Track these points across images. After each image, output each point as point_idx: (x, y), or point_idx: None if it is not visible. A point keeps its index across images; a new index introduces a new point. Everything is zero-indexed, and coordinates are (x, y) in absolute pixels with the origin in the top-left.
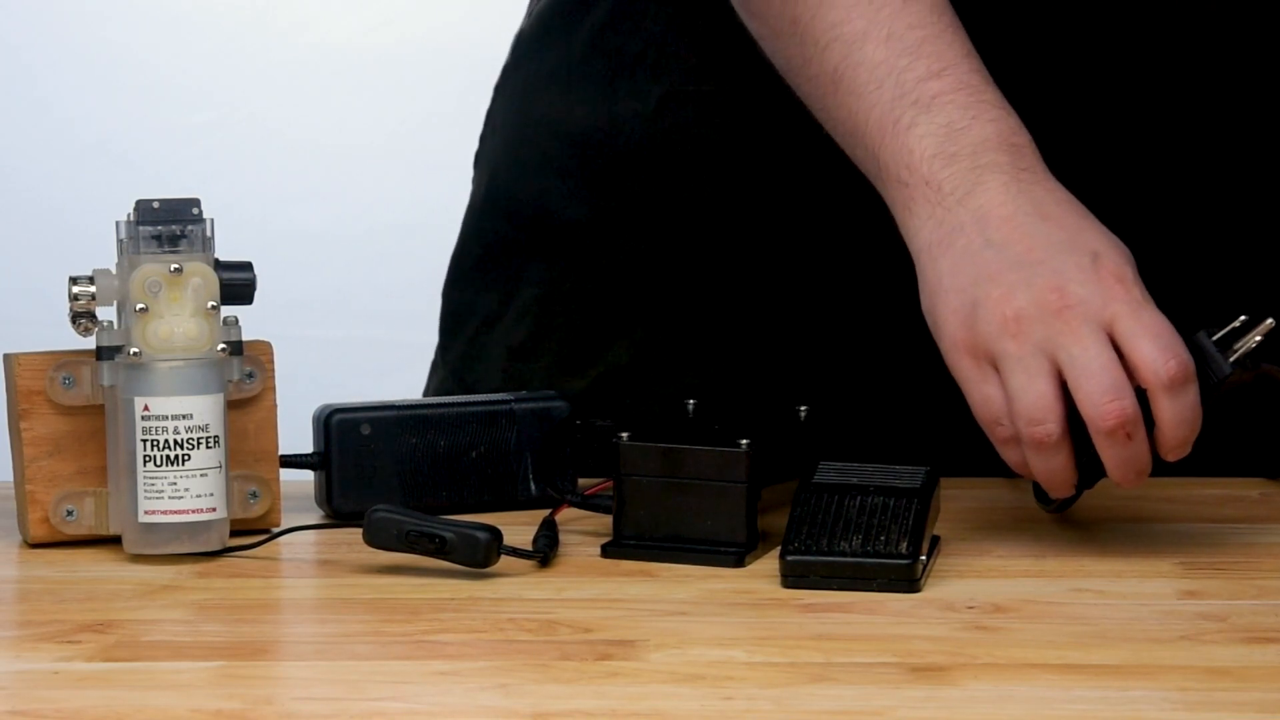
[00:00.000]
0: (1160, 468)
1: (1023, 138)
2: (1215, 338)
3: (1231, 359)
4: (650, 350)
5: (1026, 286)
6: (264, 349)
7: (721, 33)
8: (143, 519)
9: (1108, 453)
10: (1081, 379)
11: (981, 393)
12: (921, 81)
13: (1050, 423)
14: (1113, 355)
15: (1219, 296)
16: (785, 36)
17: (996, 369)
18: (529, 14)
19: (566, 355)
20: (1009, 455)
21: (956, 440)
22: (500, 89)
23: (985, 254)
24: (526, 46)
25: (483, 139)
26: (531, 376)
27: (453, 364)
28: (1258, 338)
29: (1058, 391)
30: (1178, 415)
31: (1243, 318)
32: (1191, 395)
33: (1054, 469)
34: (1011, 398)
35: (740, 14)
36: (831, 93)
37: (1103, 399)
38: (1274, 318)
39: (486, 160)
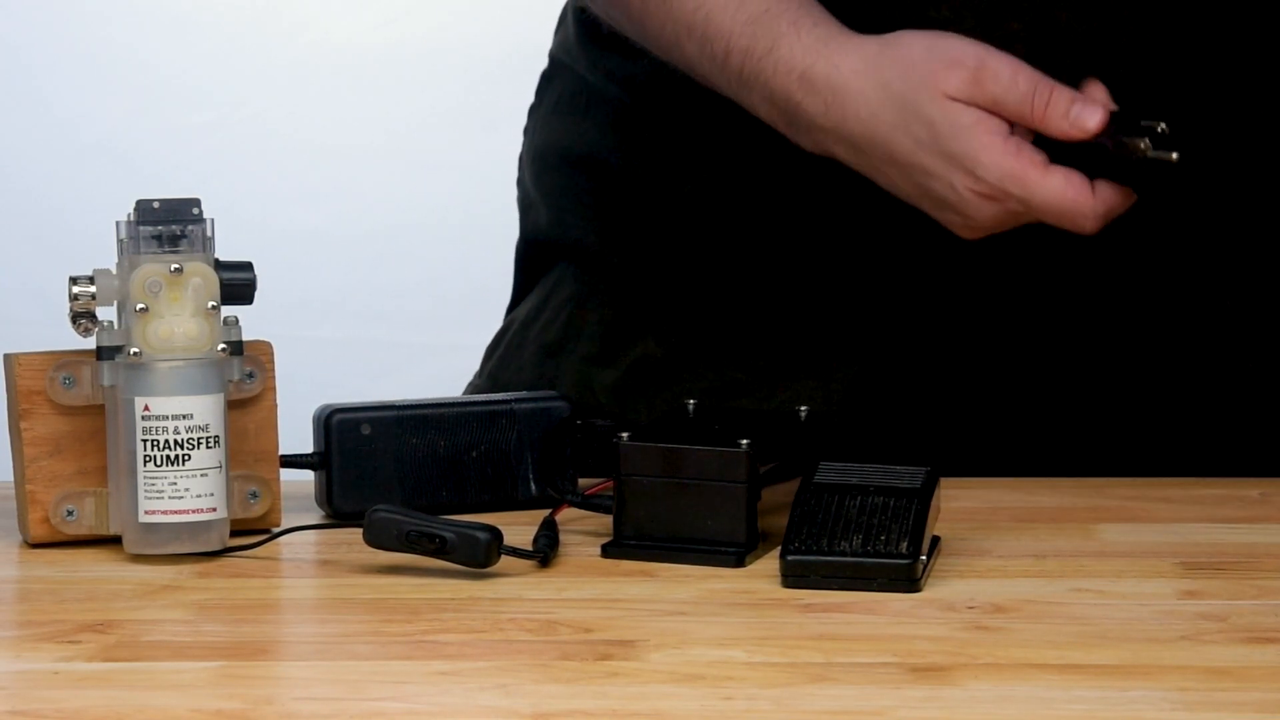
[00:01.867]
0: (1161, 468)
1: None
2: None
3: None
4: (677, 343)
5: (929, 200)
6: (264, 349)
7: None
8: (143, 519)
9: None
10: (1046, 217)
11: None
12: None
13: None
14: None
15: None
16: (677, 40)
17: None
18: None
19: (598, 349)
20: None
21: (956, 440)
22: (532, 110)
23: (885, 169)
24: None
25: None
26: (562, 373)
27: (491, 368)
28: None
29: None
30: (1102, 223)
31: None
32: (1106, 212)
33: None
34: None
35: (603, 18)
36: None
37: (1080, 225)
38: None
39: (521, 177)
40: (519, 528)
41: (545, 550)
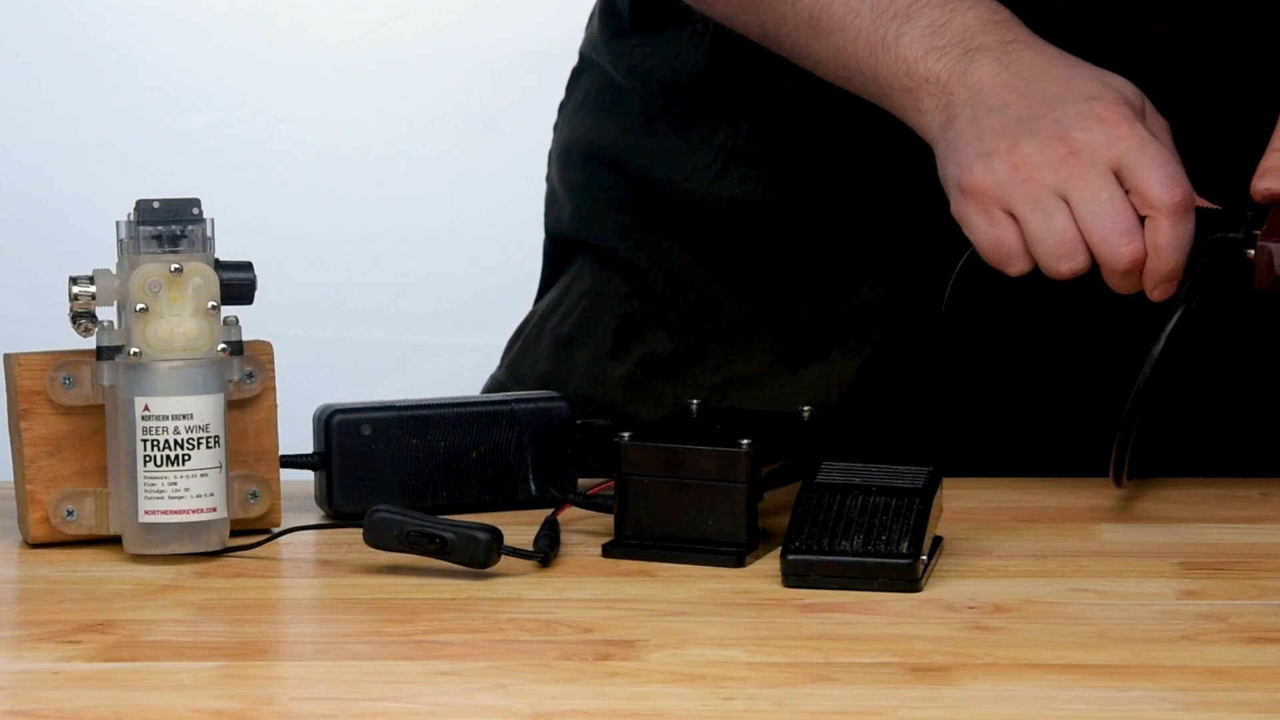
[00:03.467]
0: (1160, 468)
1: (1004, 14)
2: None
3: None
4: (687, 339)
5: (1032, 137)
6: (264, 349)
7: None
8: (143, 519)
9: (1117, 285)
10: (1094, 222)
11: (992, 235)
12: None
13: (1079, 255)
14: (1122, 196)
15: None
16: (753, 6)
17: (1010, 214)
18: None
19: (610, 342)
20: (1014, 270)
21: (957, 440)
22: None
23: (987, 118)
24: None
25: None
26: (575, 366)
27: (510, 360)
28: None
29: (1076, 226)
30: (1175, 241)
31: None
32: (1189, 224)
33: (1077, 269)
34: (1035, 239)
35: (700, 8)
36: (813, 37)
37: (1118, 242)
38: None
39: (548, 173)
40: (519, 528)
41: (546, 550)
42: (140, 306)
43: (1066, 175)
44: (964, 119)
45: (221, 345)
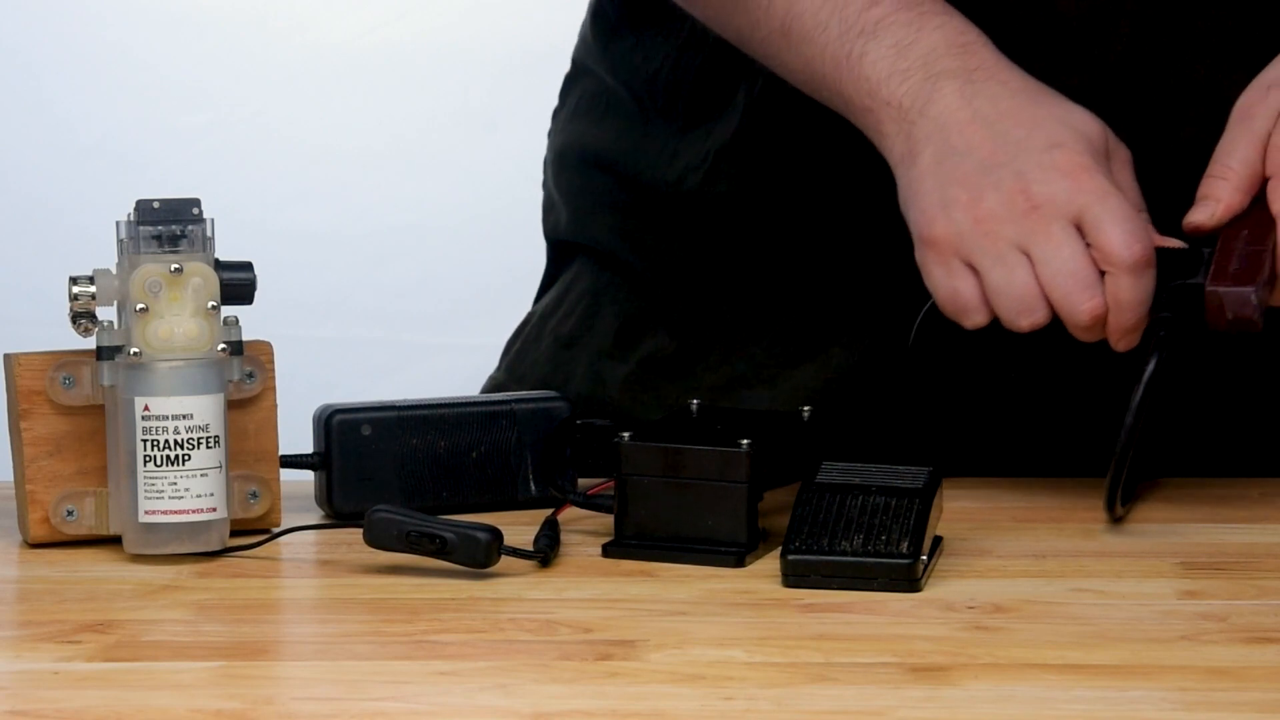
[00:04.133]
0: (1161, 468)
1: (971, 35)
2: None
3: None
4: (688, 339)
5: (994, 189)
6: (264, 349)
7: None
8: (143, 519)
9: (1080, 337)
10: (1055, 278)
11: (950, 286)
12: (862, 11)
13: (1039, 310)
14: (1083, 251)
15: None
16: (730, 9)
17: (969, 266)
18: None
19: (611, 343)
20: (971, 324)
21: (957, 440)
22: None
23: (951, 160)
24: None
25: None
26: (576, 366)
27: (509, 361)
28: None
29: (1036, 281)
30: (1135, 296)
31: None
32: (1149, 279)
33: (1036, 323)
34: (995, 293)
35: (682, 5)
36: (784, 46)
37: (1079, 298)
38: None
39: (545, 179)
40: (519, 528)
41: (546, 550)
42: (140, 306)
43: (1028, 229)
44: (927, 159)
45: (221, 345)
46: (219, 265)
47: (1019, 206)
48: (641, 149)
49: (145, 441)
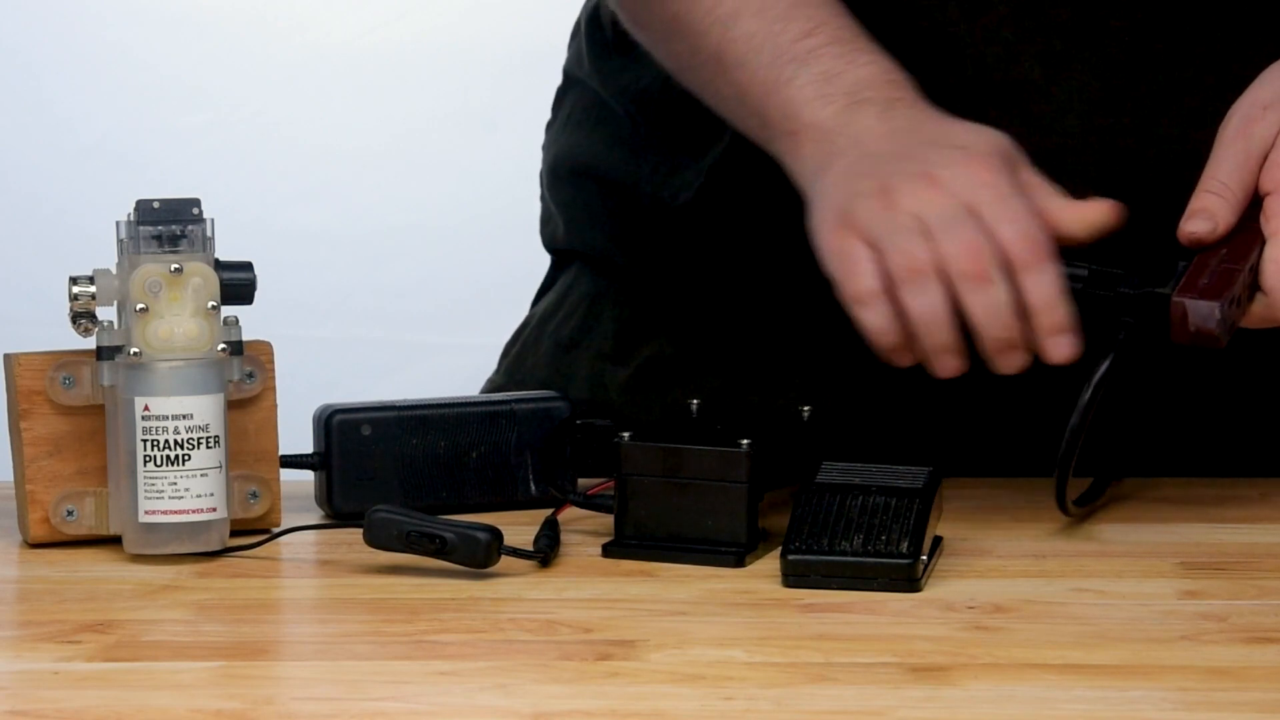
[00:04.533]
0: (1161, 468)
1: (897, 75)
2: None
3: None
4: (689, 343)
5: (897, 173)
6: (264, 349)
7: None
8: (143, 519)
9: (968, 301)
10: (945, 236)
11: (848, 258)
12: (796, 41)
13: (922, 255)
14: (981, 233)
15: None
16: (669, 35)
17: (870, 246)
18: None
19: (611, 346)
20: (872, 318)
21: (957, 440)
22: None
23: (862, 163)
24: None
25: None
26: (576, 370)
27: (508, 364)
28: None
29: (932, 247)
30: (1042, 298)
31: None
32: (1049, 280)
33: (925, 303)
34: (887, 257)
35: (629, 29)
36: (718, 72)
37: (961, 249)
38: None
39: (541, 192)
40: (519, 528)
41: (546, 550)
42: (140, 306)
43: (927, 200)
44: (839, 166)
45: (221, 345)
46: (219, 265)
47: (921, 184)
48: (634, 162)
49: (145, 441)
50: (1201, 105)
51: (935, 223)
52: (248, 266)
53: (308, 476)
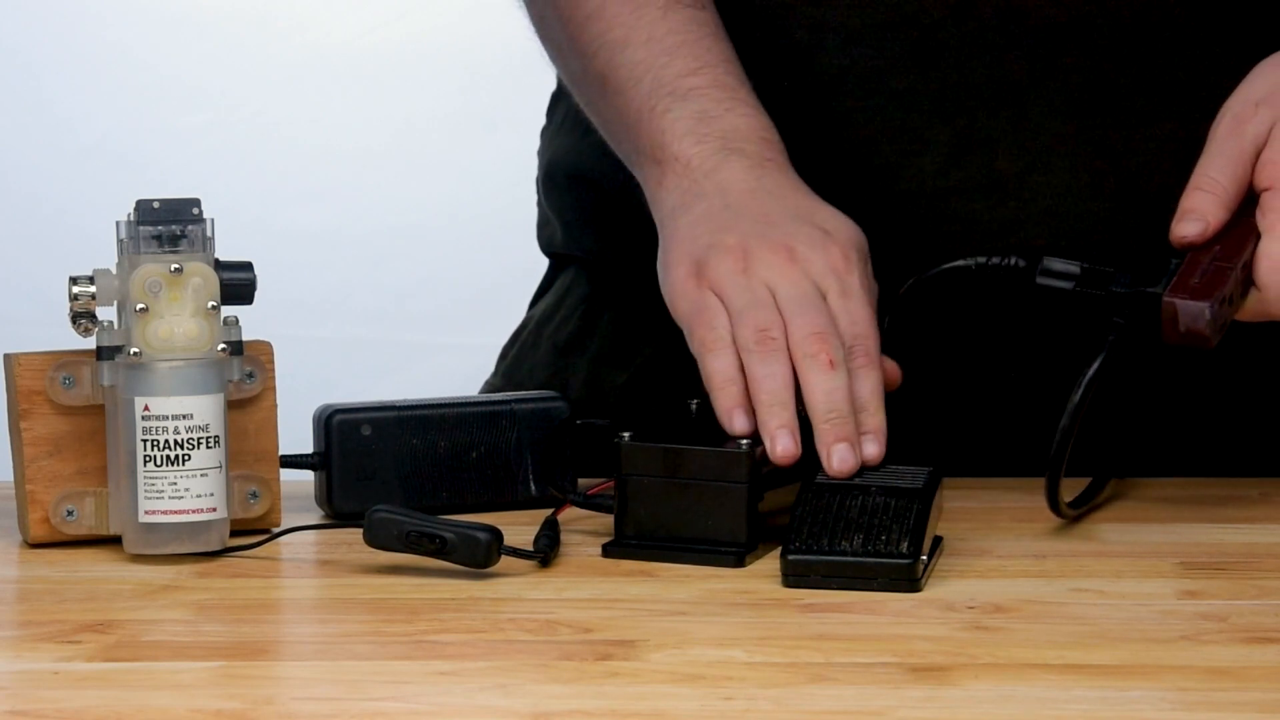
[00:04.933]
0: (1161, 468)
1: (772, 134)
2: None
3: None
4: (685, 347)
5: (760, 238)
6: (264, 349)
7: None
8: (143, 519)
9: (811, 380)
10: (794, 317)
11: (701, 304)
12: (679, 77)
13: (775, 332)
14: (824, 306)
15: None
16: (565, 51)
17: (722, 300)
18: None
19: (610, 349)
20: (719, 366)
21: (957, 440)
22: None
23: (724, 214)
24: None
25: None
26: (575, 372)
27: (506, 366)
28: None
29: (780, 320)
30: (867, 397)
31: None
32: (876, 382)
33: (774, 374)
34: (737, 317)
35: (538, 40)
36: (601, 94)
37: (810, 331)
38: None
39: (539, 197)
40: (519, 528)
41: (546, 550)
42: (140, 306)
43: (780, 273)
44: (700, 210)
45: (222, 345)
46: (219, 265)
47: (779, 256)
48: (625, 166)
49: (145, 441)
50: (1190, 103)
51: (785, 300)
52: (248, 266)
53: (308, 476)
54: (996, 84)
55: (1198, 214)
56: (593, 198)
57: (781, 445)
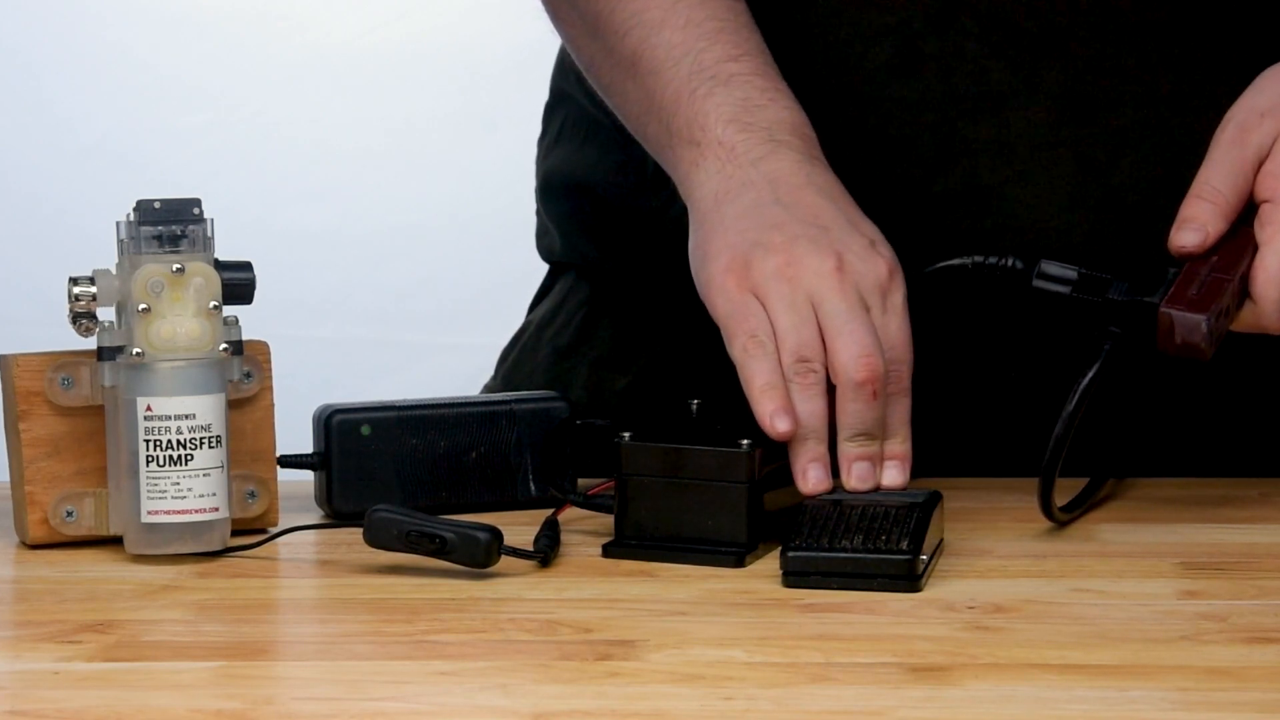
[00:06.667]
0: (1161, 468)
1: (812, 132)
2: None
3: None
4: (686, 351)
5: (810, 242)
6: (261, 349)
7: None
8: (145, 519)
9: (849, 408)
10: (841, 335)
11: (744, 308)
12: (720, 62)
13: (817, 364)
14: (870, 323)
15: None
16: (588, 32)
17: (761, 302)
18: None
19: (610, 354)
20: (758, 366)
21: (957, 440)
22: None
23: (774, 209)
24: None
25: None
26: (575, 376)
27: (505, 370)
28: None
29: (821, 339)
30: (897, 423)
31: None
32: (906, 408)
33: (813, 412)
34: (781, 335)
35: (552, 24)
36: (630, 75)
37: (859, 355)
38: None
39: (537, 207)
40: (519, 528)
41: (546, 550)
42: (142, 307)
43: (828, 287)
44: (746, 202)
45: (223, 345)
46: (218, 265)
47: (828, 265)
48: (626, 176)
49: (148, 442)
50: (1173, 114)
51: (829, 315)
52: (247, 266)
53: (307, 476)
54: (978, 94)
55: (1198, 223)
56: (591, 207)
57: (814, 479)
